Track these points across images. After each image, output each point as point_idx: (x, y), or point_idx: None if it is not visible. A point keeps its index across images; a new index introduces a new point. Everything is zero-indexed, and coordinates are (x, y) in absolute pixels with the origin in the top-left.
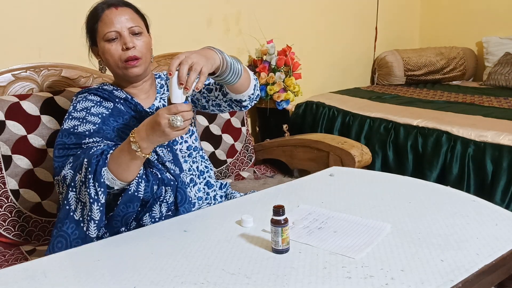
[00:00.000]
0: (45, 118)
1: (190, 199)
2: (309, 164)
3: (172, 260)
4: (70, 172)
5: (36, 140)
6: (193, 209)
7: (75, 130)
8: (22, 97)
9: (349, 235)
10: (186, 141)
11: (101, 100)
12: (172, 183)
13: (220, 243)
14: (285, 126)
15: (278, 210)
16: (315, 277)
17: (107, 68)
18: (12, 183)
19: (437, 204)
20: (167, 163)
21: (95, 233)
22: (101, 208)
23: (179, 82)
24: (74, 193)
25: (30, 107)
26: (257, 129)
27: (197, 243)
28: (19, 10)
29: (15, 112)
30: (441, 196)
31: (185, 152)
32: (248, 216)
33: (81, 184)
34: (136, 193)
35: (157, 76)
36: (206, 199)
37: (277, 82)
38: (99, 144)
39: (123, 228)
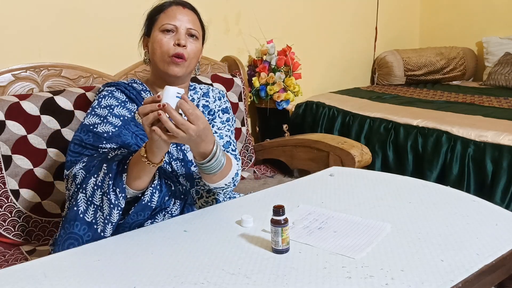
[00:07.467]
0: (45, 118)
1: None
2: (309, 164)
3: (172, 260)
4: (81, 172)
5: (36, 140)
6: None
7: (95, 129)
8: (22, 97)
9: (349, 235)
10: None
11: (126, 100)
12: (182, 196)
13: (220, 243)
14: (285, 126)
15: (278, 210)
16: (315, 277)
17: (150, 61)
18: (12, 183)
19: (437, 204)
20: (180, 178)
21: (110, 233)
22: (120, 212)
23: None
24: (84, 195)
25: (30, 107)
26: (257, 129)
27: (197, 243)
28: (19, 10)
29: (15, 112)
30: (441, 196)
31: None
32: (248, 216)
33: (95, 187)
34: (149, 203)
35: (191, 88)
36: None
37: (277, 82)
38: (115, 151)
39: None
